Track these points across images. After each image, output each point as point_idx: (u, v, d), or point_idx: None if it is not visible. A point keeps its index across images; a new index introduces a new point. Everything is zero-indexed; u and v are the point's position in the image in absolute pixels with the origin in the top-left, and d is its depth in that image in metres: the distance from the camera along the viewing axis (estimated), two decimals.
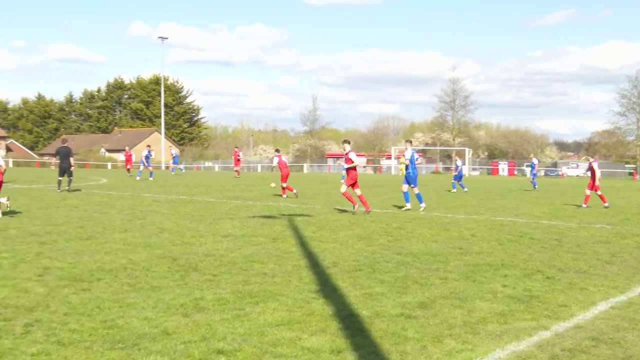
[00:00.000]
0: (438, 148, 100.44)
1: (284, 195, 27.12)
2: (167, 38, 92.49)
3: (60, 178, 27.78)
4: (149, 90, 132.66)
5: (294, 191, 27.31)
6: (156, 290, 8.81)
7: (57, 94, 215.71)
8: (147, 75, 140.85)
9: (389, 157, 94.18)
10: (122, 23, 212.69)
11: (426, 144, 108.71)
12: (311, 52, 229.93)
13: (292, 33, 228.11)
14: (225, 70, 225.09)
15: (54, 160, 39.98)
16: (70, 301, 8.03)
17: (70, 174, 27.87)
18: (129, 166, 50.22)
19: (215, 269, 10.41)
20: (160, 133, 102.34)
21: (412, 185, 21.72)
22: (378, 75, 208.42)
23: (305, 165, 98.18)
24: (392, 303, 8.23)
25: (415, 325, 7.20)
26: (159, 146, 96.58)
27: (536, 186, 39.28)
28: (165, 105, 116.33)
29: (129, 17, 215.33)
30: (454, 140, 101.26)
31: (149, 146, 47.86)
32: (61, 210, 19.12)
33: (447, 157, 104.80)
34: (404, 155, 21.86)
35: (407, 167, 21.67)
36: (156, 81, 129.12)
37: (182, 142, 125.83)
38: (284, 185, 27.42)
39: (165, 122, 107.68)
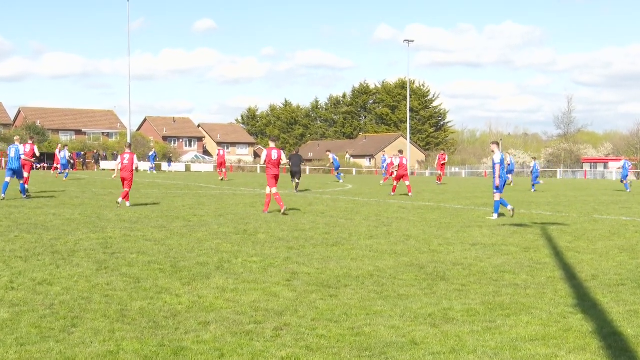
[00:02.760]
0: None
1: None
2: (413, 41, 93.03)
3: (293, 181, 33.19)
4: (395, 94, 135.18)
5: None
6: (403, 298, 8.89)
7: (303, 100, 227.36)
8: (392, 79, 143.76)
9: None
10: (369, 27, 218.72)
11: None
12: (566, 49, 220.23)
13: (545, 30, 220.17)
14: (473, 71, 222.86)
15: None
16: (317, 307, 8.34)
17: (299, 178, 33.26)
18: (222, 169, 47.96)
19: (464, 278, 10.30)
20: (406, 138, 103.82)
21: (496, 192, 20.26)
22: None
23: (558, 170, 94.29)
24: None
25: None
26: (405, 152, 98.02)
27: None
28: (411, 110, 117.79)
29: (375, 21, 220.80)
30: None
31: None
32: (308, 216, 20.00)
33: None
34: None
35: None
36: (402, 85, 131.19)
37: (427, 147, 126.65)
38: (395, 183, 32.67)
39: (410, 126, 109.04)
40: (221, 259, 11.70)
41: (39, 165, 71.43)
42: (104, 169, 75.32)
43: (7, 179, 24.21)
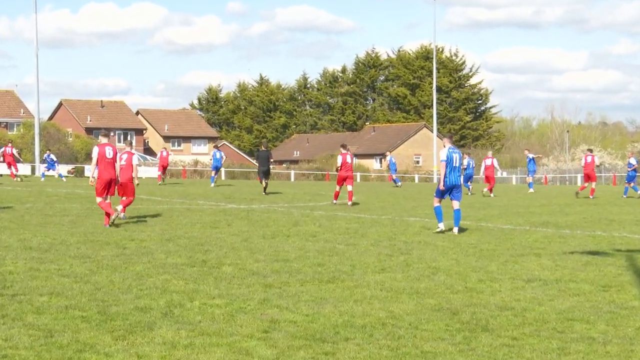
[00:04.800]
0: None
1: None
2: None
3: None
4: (415, 68, 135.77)
5: None
6: (429, 357, 8.87)
7: (286, 76, 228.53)
8: (412, 47, 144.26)
9: None
10: None
11: None
12: None
13: None
14: (528, 35, 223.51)
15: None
16: None
17: (267, 177, 37.05)
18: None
19: (516, 329, 10.30)
20: (432, 129, 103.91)
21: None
22: None
23: None
24: None
25: None
26: (429, 149, 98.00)
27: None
28: (439, 90, 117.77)
29: None
30: None
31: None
32: (293, 240, 19.95)
33: None
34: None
35: None
36: (425, 55, 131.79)
37: (463, 142, 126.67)
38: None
39: (438, 113, 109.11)
40: (170, 302, 11.67)
41: None
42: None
43: None
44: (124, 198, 24.36)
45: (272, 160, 42.61)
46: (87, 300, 11.73)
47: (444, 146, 23.19)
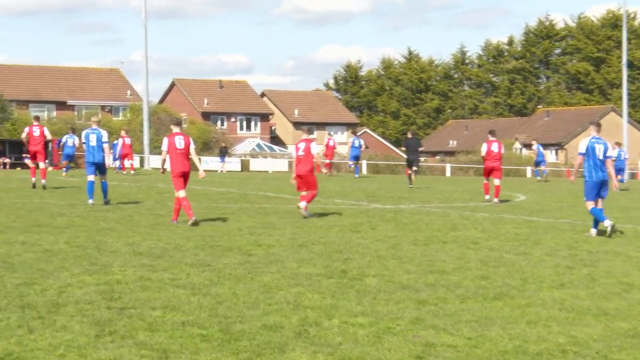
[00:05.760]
0: None
1: None
2: None
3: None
4: (600, 38, 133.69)
5: None
6: None
7: (439, 50, 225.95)
8: (595, 12, 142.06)
9: None
10: None
11: None
12: None
13: None
14: None
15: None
16: None
17: (417, 165, 37.40)
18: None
19: None
20: (621, 114, 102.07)
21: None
22: None
23: None
24: None
25: None
26: (618, 138, 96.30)
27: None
28: (630, 66, 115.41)
29: None
30: None
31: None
32: (450, 248, 19.92)
33: None
34: None
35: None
36: (613, 22, 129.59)
37: None
38: None
39: (629, 93, 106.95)
40: (304, 320, 11.78)
41: None
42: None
43: None
44: (304, 193, 25.98)
45: (421, 149, 44.28)
46: (207, 316, 11.90)
47: (589, 136, 23.77)
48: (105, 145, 29.75)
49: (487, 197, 35.51)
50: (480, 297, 13.86)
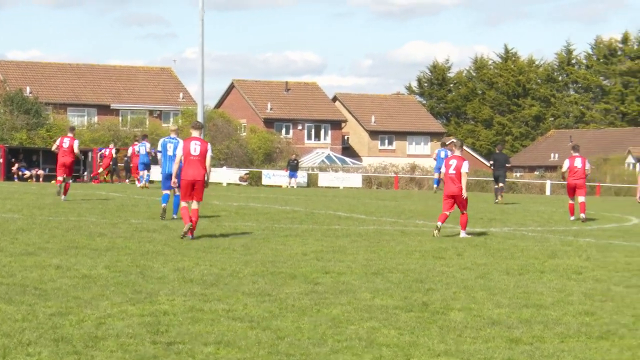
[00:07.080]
0: None
1: None
2: None
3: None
4: None
5: None
6: None
7: (540, 48, 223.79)
8: None
9: None
10: None
11: None
12: None
13: None
14: None
15: None
16: None
17: (503, 181, 38.20)
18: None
19: None
20: None
21: None
22: None
23: None
24: None
25: None
26: None
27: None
28: None
29: None
30: None
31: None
32: (549, 278, 19.86)
33: None
34: None
35: None
36: None
37: None
38: None
39: None
40: (378, 359, 11.75)
41: (27, 173, 74.27)
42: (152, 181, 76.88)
43: None
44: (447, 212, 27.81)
45: (508, 165, 45.51)
46: (267, 353, 11.93)
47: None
48: None
49: (572, 217, 36.77)
50: (584, 335, 13.76)
